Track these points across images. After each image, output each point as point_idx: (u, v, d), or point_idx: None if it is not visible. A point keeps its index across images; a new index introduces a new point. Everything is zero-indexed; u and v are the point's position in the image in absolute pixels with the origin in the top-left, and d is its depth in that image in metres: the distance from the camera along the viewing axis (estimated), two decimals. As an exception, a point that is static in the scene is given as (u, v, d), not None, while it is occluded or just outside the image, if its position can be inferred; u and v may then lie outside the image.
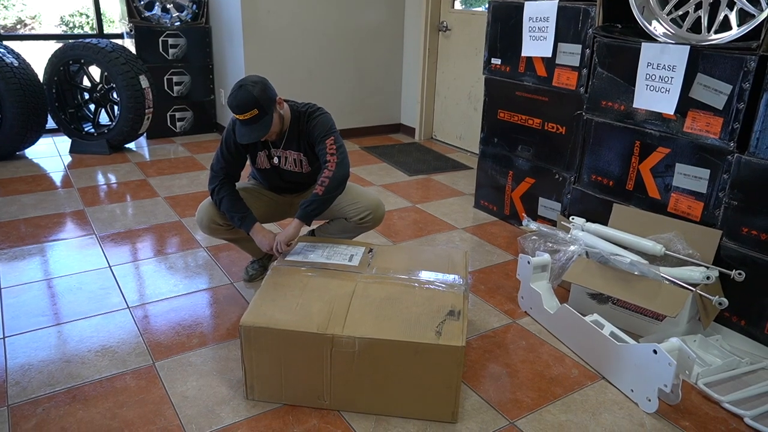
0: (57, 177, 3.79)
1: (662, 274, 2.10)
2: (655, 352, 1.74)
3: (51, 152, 4.33)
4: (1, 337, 2.07)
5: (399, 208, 3.41)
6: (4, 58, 3.85)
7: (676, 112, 2.27)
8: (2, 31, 10.42)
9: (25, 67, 3.96)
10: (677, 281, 2.08)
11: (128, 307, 2.28)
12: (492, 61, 3.13)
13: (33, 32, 10.20)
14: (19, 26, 11.92)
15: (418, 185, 3.85)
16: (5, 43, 4.48)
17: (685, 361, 1.74)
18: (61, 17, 11.38)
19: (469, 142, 4.57)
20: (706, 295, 2.03)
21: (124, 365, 1.94)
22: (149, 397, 1.79)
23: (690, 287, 2.05)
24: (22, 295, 2.34)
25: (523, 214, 3.09)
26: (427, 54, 4.74)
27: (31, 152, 4.29)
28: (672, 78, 2.27)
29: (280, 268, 1.97)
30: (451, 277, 1.95)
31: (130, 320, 2.20)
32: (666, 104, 2.30)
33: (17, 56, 3.97)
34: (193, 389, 1.83)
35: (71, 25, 10.45)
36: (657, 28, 2.40)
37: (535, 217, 3.06)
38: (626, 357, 1.87)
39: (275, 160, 2.25)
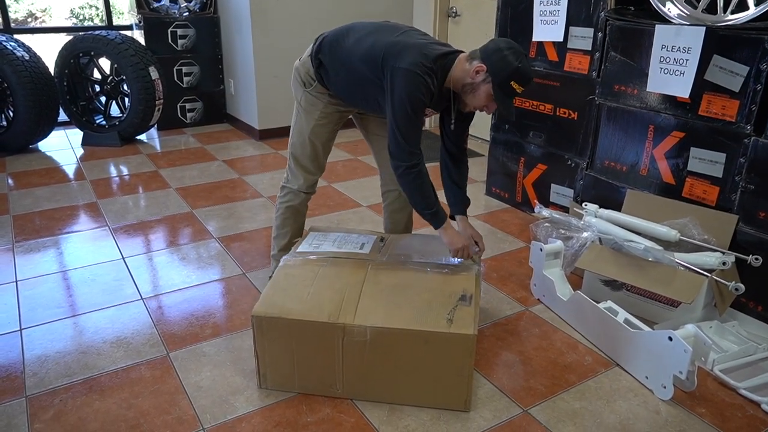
0: (70, 169, 3.82)
1: (677, 260, 2.08)
2: (670, 339, 1.72)
3: (63, 145, 4.36)
4: (19, 329, 2.10)
5: (410, 197, 3.39)
6: (16, 51, 3.87)
7: (690, 95, 2.23)
8: (13, 24, 10.48)
9: (36, 61, 3.98)
10: (692, 267, 2.06)
11: (142, 299, 2.30)
12: (502, 47, 3.08)
13: (43, 25, 10.24)
14: (29, 19, 11.98)
15: (429, 172, 3.81)
16: (16, 36, 4.51)
17: (701, 348, 1.72)
18: (71, 10, 11.42)
19: (480, 129, 4.53)
20: (722, 280, 2.00)
21: (139, 356, 1.95)
22: (164, 388, 1.80)
23: (706, 273, 2.03)
24: (38, 287, 2.37)
25: (535, 201, 3.06)
26: (436, 38, 4.69)
27: (43, 145, 4.32)
28: (687, 60, 2.22)
29: (291, 260, 1.97)
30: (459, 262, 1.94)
31: (144, 311, 2.21)
32: (681, 87, 2.26)
33: (28, 50, 3.99)
34: (207, 379, 1.84)
35: (81, 17, 10.47)
36: (671, 9, 2.35)
37: (548, 203, 3.03)
38: (641, 344, 1.85)
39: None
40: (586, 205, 2.50)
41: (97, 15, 9.14)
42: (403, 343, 1.66)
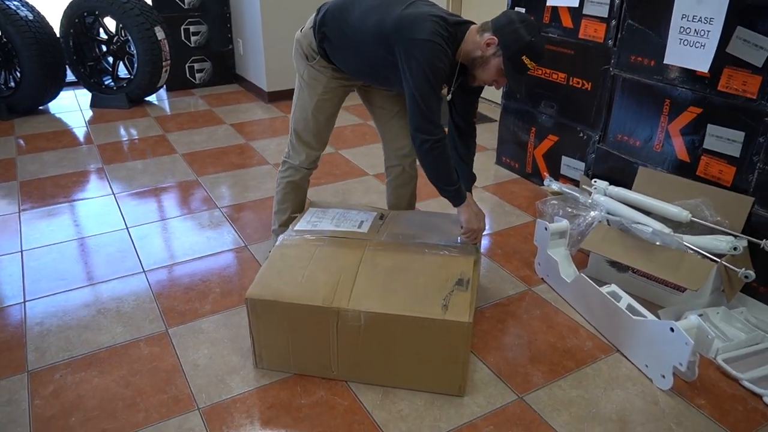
0: (78, 133, 3.81)
1: (686, 244, 2.02)
2: (672, 330, 1.68)
3: (72, 106, 4.34)
4: (23, 301, 2.12)
5: (417, 165, 3.32)
6: (19, 11, 3.80)
7: (710, 69, 2.11)
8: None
9: (40, 21, 3.91)
10: (702, 251, 1.99)
11: (144, 271, 2.31)
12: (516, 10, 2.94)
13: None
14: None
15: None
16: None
17: (704, 341, 1.68)
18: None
19: (494, 93, 4.39)
20: (731, 267, 1.94)
21: (138, 332, 1.97)
22: (162, 365, 1.82)
23: (715, 258, 1.96)
24: (42, 257, 2.39)
25: (545, 174, 2.98)
26: (450, 1, 4.51)
27: (53, 106, 4.30)
28: (708, 32, 2.09)
29: (287, 239, 1.94)
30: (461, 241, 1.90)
31: (145, 285, 2.22)
32: (700, 61, 2.14)
33: (32, 9, 3.92)
34: (204, 357, 1.85)
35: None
36: (695, -26, 2.20)
37: (558, 176, 2.95)
38: (642, 332, 1.81)
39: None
40: (595, 181, 2.42)
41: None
42: (398, 328, 1.65)
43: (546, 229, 2.22)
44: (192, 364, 1.82)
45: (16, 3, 3.85)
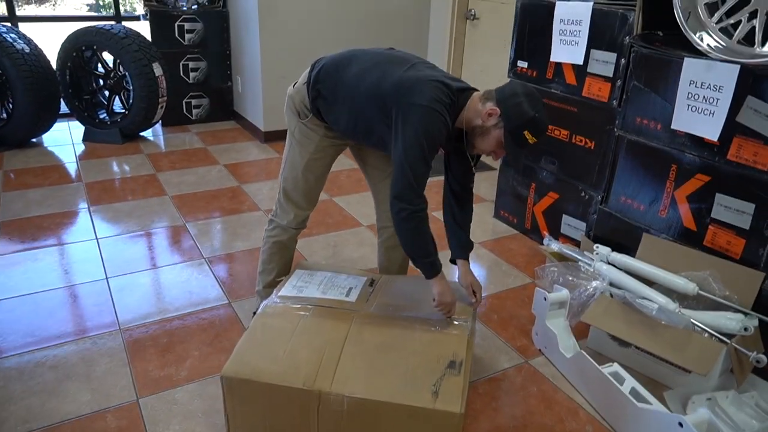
0: (67, 169, 3.72)
1: (693, 321, 1.90)
2: (681, 425, 1.55)
3: (65, 139, 4.26)
4: (-13, 359, 1.99)
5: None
6: (15, 44, 3.75)
7: (720, 137, 2.03)
8: (22, 8, 10.41)
9: (37, 54, 3.86)
10: (710, 331, 1.88)
11: (119, 329, 2.18)
12: (518, 64, 2.89)
13: (59, 7, 10.13)
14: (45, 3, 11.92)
15: (436, 189, 3.61)
16: (21, 25, 4.39)
17: (714, 438, 1.55)
18: (88, -11, 11.33)
19: (494, 139, 4.32)
20: (742, 349, 1.82)
21: (107, 400, 1.84)
22: (128, 442, 1.68)
23: (725, 339, 1.85)
24: (15, 310, 2.26)
25: (545, 232, 2.88)
26: (453, 43, 4.48)
27: (46, 138, 4.23)
28: (718, 99, 2.01)
29: (270, 306, 1.82)
30: (455, 319, 1.79)
31: (120, 344, 2.10)
32: (709, 128, 2.06)
33: (29, 42, 3.87)
34: (175, 434, 1.72)
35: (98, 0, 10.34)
36: (704, 38, 2.13)
37: (558, 234, 2.85)
38: (647, 421, 1.68)
39: None
40: (597, 247, 2.32)
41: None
42: (383, 415, 1.52)
43: (545, 299, 2.11)
44: (161, 443, 1.69)
45: (13, 35, 3.80)
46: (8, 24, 4.23)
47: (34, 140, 4.15)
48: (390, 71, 1.72)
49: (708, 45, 2.09)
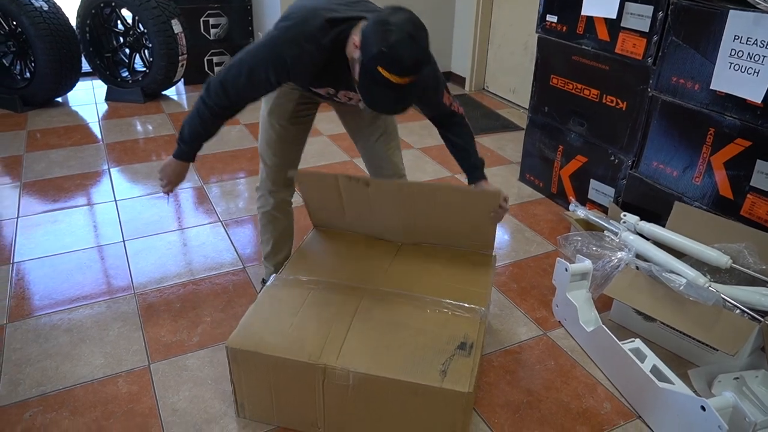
0: (89, 129, 3.71)
1: (724, 297, 1.79)
2: (703, 408, 1.47)
3: (88, 99, 4.25)
4: (5, 323, 2.02)
5: (435, 178, 3.13)
6: (33, 1, 3.70)
7: (764, 99, 1.87)
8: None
9: (55, 11, 3.81)
10: (742, 307, 1.77)
11: (134, 293, 2.18)
12: (547, 18, 2.70)
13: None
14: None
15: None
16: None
17: (740, 423, 1.47)
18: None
19: (523, 97, 4.15)
20: (775, 328, 1.71)
21: (119, 365, 1.84)
22: (138, 408, 1.69)
23: (757, 316, 1.74)
24: (33, 272, 2.28)
25: (571, 197, 2.75)
26: (482, -5, 4.26)
27: (70, 96, 4.22)
28: (765, 57, 1.84)
29: (281, 278, 1.78)
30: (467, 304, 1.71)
31: (134, 308, 2.10)
32: (753, 89, 1.89)
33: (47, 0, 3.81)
34: (185, 400, 1.72)
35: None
36: (752, -12, 1.94)
37: (585, 200, 2.72)
38: (668, 402, 1.61)
39: (336, 97, 1.72)
40: (624, 215, 2.20)
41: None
42: (389, 392, 1.48)
43: (566, 269, 2.01)
44: (170, 409, 1.69)
45: (31, -8, 3.75)
46: (28, -20, 4.19)
47: (58, 100, 4.15)
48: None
49: (757, -4, 1.90)
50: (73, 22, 3.98)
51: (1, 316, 2.04)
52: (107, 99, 4.22)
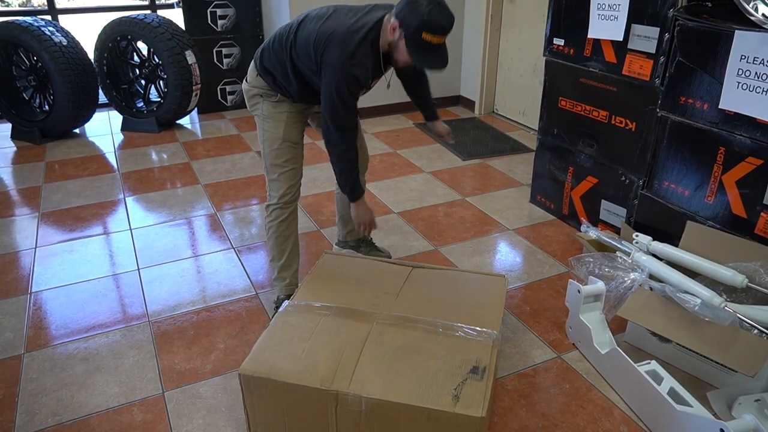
0: (106, 159, 3.79)
1: (740, 316, 1.76)
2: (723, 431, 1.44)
3: (104, 129, 4.34)
4: (22, 353, 2.05)
5: (446, 202, 3.14)
6: (54, 37, 3.81)
7: (773, 117, 1.86)
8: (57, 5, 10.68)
9: (74, 46, 3.92)
10: (759, 327, 1.74)
11: (148, 321, 2.20)
12: (554, 41, 2.73)
13: (90, 5, 10.36)
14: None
15: (471, 172, 3.55)
16: (60, 17, 4.48)
17: (760, 447, 1.44)
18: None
19: (533, 119, 4.16)
20: (795, 348, 1.68)
21: (134, 393, 1.86)
22: (152, 437, 1.70)
23: (775, 336, 1.71)
24: (50, 302, 2.32)
25: (583, 219, 2.74)
26: (490, 20, 4.31)
27: (87, 128, 4.32)
28: (771, 76, 1.84)
29: (293, 305, 1.79)
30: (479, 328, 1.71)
31: (149, 336, 2.12)
32: (762, 108, 1.89)
33: (66, 34, 3.93)
34: (198, 429, 1.72)
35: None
36: (758, 8, 1.95)
37: (597, 221, 2.71)
38: (687, 425, 1.58)
39: (371, 87, 2.00)
40: (637, 235, 2.19)
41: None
42: (402, 418, 1.47)
43: (579, 291, 2.00)
44: (184, 437, 1.70)
45: (51, 29, 3.87)
46: (47, 17, 4.32)
47: (75, 131, 4.25)
48: (310, 27, 1.86)
49: (763, 15, 1.92)
50: (90, 55, 4.09)
51: (19, 346, 2.07)
52: (123, 129, 4.31)
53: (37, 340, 2.10)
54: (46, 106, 4.08)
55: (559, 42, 2.71)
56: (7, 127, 4.17)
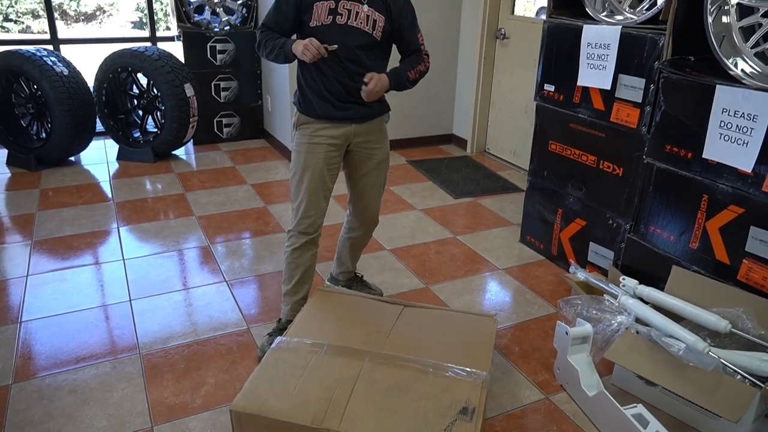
0: (100, 188, 3.81)
1: (724, 362, 1.80)
2: (705, 477, 1.47)
3: (100, 158, 4.38)
4: (9, 383, 2.03)
5: (437, 240, 3.19)
6: (55, 67, 3.88)
7: (753, 168, 1.94)
8: (79, 19, 10.85)
9: (75, 76, 3.98)
10: (742, 373, 1.78)
11: (139, 353, 2.20)
12: (545, 87, 2.83)
13: (109, 18, 10.53)
14: (98, 12, 12.39)
15: (462, 211, 3.61)
16: (62, 48, 4.56)
17: (743, 494, 1.46)
18: (137, 3, 11.73)
19: (523, 159, 4.25)
20: (777, 394, 1.72)
21: (122, 427, 1.85)
22: (139, 472, 1.69)
23: (758, 382, 1.75)
24: (40, 331, 2.31)
25: (572, 260, 2.80)
26: (482, 62, 4.44)
27: (83, 156, 4.36)
28: (752, 129, 1.93)
29: (285, 342, 1.81)
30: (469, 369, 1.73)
31: (139, 369, 2.12)
32: (743, 159, 1.97)
33: (68, 65, 4.00)
34: (186, 465, 1.72)
35: (146, 12, 10.68)
36: (738, 64, 2.05)
37: (585, 263, 2.76)
38: (672, 470, 1.60)
39: (340, 17, 1.96)
40: (624, 279, 2.24)
41: (162, 9, 9.21)
42: (392, 458, 1.48)
43: (567, 333, 2.04)
44: (172, 474, 1.69)
45: (53, 59, 3.94)
46: (50, 47, 4.39)
47: (71, 158, 4.28)
48: None
49: (742, 71, 2.01)
50: (90, 83, 4.15)
51: (7, 377, 2.06)
52: (119, 158, 4.35)
53: (25, 371, 2.09)
54: (44, 134, 4.12)
55: (549, 88, 2.80)
56: (3, 153, 4.20)
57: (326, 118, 2.07)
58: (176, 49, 4.51)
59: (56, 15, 4.55)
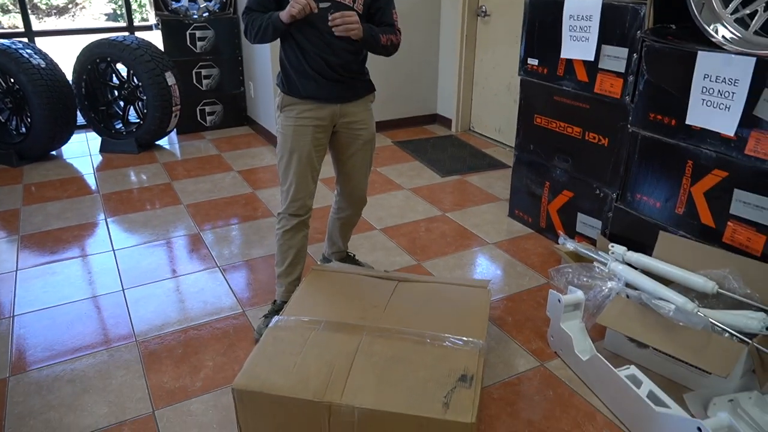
0: (84, 181, 3.77)
1: (713, 321, 1.85)
2: (699, 430, 1.51)
3: (83, 151, 4.33)
4: (7, 376, 2.03)
5: (427, 218, 3.21)
6: (32, 59, 3.81)
7: (736, 132, 1.98)
8: (53, 12, 10.64)
9: (52, 68, 3.92)
10: (731, 330, 1.83)
11: (135, 341, 2.21)
12: (528, 61, 2.84)
13: (82, 11, 10.32)
14: (70, 5, 12.15)
15: (450, 188, 3.63)
16: (38, 39, 4.47)
17: (735, 444, 1.51)
18: (110, -5, 11.52)
19: (508, 136, 4.28)
20: (764, 349, 1.77)
21: (124, 413, 1.86)
22: (144, 455, 1.70)
23: (746, 339, 1.80)
24: (33, 324, 2.30)
25: (560, 231, 2.83)
26: (464, 41, 4.44)
27: (64, 150, 4.30)
28: (733, 93, 1.96)
29: (282, 320, 1.82)
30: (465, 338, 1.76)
31: (136, 356, 2.12)
32: (725, 123, 2.00)
33: (44, 57, 3.93)
34: (190, 446, 1.73)
35: (120, 3, 10.45)
36: (719, 30, 2.08)
37: (573, 233, 2.80)
38: (666, 425, 1.65)
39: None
40: (612, 246, 2.28)
41: (136, 0, 9.03)
42: (394, 427, 1.51)
43: (559, 301, 2.07)
44: (176, 455, 1.70)
45: (29, 51, 3.87)
46: (25, 39, 4.31)
47: (53, 153, 4.22)
48: None
49: (723, 37, 2.04)
50: (69, 76, 4.08)
51: (4, 370, 2.05)
52: (102, 150, 4.30)
53: (21, 364, 2.08)
54: (23, 129, 4.05)
55: (533, 62, 2.82)
56: (-17, 149, 4.13)
57: (311, 98, 2.06)
58: (155, 38, 4.45)
59: (28, 9, 4.45)
